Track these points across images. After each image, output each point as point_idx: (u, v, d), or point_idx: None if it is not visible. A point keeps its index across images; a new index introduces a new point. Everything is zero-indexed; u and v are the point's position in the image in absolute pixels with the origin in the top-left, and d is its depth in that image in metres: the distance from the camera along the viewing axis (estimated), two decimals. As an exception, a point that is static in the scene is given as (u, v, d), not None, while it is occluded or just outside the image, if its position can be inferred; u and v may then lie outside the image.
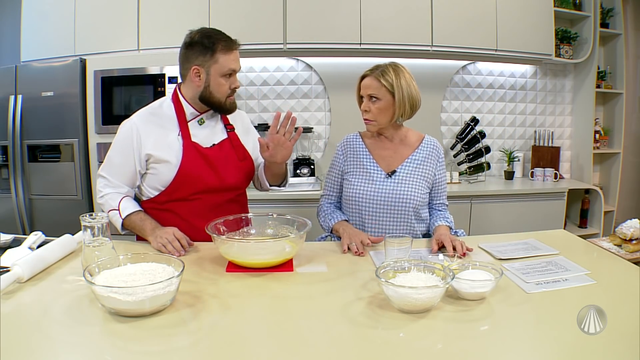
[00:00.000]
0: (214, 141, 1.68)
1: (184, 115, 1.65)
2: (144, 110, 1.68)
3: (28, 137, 2.92)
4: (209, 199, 1.66)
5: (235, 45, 1.60)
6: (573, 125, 3.79)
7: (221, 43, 1.56)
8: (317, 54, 3.26)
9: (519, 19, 3.24)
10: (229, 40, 1.58)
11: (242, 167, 1.73)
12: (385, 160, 1.79)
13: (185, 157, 1.60)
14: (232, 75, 1.61)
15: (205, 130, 1.68)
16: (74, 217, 1.42)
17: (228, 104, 1.64)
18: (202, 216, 1.58)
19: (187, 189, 1.63)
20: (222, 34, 1.59)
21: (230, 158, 1.70)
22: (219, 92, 1.61)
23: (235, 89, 1.64)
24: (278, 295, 1.21)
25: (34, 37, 3.15)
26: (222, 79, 1.59)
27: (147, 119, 1.64)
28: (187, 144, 1.62)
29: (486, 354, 0.93)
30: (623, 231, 1.66)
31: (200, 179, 1.62)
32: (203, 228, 1.40)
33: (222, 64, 1.57)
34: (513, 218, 3.16)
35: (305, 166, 3.30)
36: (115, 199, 1.63)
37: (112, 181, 1.65)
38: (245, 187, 1.81)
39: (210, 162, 1.64)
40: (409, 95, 1.70)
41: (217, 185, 1.66)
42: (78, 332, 0.99)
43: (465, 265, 1.23)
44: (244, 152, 1.74)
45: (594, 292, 1.21)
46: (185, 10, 3.02)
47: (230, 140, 1.72)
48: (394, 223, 1.74)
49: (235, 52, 1.60)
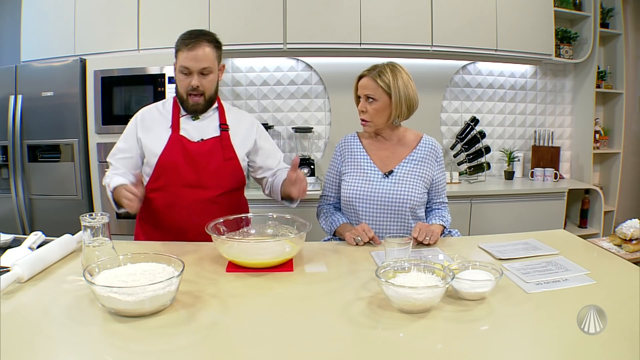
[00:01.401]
0: (203, 137, 1.72)
1: (178, 111, 1.74)
2: (152, 104, 1.81)
3: (28, 137, 2.92)
4: (185, 194, 1.69)
5: (194, 42, 1.62)
6: (573, 125, 3.79)
7: (182, 42, 1.63)
8: (317, 54, 3.26)
9: (519, 19, 3.24)
10: (189, 39, 1.63)
11: (224, 166, 1.73)
12: (382, 160, 1.79)
13: (168, 148, 1.68)
14: (189, 73, 1.64)
15: (197, 125, 1.74)
16: (74, 217, 1.42)
17: (189, 103, 1.69)
18: (177, 211, 1.68)
19: (166, 179, 1.69)
20: (190, 34, 1.64)
21: (214, 155, 1.72)
22: (180, 87, 1.69)
23: (195, 89, 1.65)
24: (278, 295, 1.21)
25: (34, 37, 3.15)
26: (180, 75, 1.66)
27: (150, 111, 1.77)
28: (173, 137, 1.69)
29: (486, 354, 0.93)
30: (623, 231, 1.66)
31: (177, 171, 1.68)
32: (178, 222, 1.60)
33: (179, 62, 1.65)
34: (513, 218, 3.16)
35: (305, 166, 3.30)
36: (113, 179, 1.64)
37: (116, 167, 1.73)
38: (228, 189, 1.76)
39: (191, 156, 1.68)
40: (405, 96, 1.70)
41: (194, 179, 1.69)
42: (78, 332, 0.99)
43: (465, 265, 1.23)
44: (230, 152, 1.75)
45: (594, 292, 1.21)
46: (185, 10, 3.02)
47: (220, 139, 1.74)
48: (391, 223, 1.74)
49: (195, 50, 1.61)
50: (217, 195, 1.73)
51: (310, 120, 3.46)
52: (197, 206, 1.70)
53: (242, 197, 1.91)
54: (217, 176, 1.72)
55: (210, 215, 1.54)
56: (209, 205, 1.71)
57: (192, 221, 1.67)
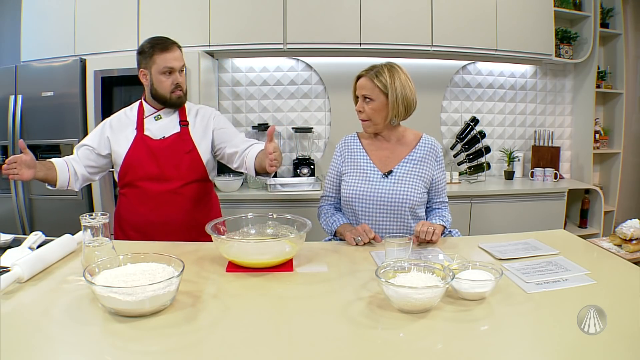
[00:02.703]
0: (165, 134, 1.86)
1: (142, 113, 1.88)
2: (121, 110, 1.94)
3: (28, 137, 2.91)
4: (149, 187, 1.84)
5: (170, 45, 1.80)
6: (573, 125, 3.79)
7: (157, 45, 1.78)
8: (317, 54, 3.26)
9: (519, 19, 3.24)
10: (165, 43, 1.79)
11: (184, 159, 1.86)
12: (382, 160, 1.79)
13: (132, 147, 1.83)
14: (172, 72, 1.80)
15: (159, 124, 1.87)
16: (74, 217, 1.42)
17: (174, 99, 1.84)
18: (144, 203, 1.84)
19: (132, 174, 1.84)
20: (160, 39, 1.81)
21: (175, 149, 1.86)
22: (162, 88, 1.81)
23: (178, 85, 1.82)
24: (278, 295, 1.21)
25: (34, 37, 3.15)
26: (162, 76, 1.79)
27: (119, 117, 1.91)
28: (138, 137, 1.84)
29: (486, 354, 0.93)
30: (623, 231, 1.66)
31: (141, 166, 1.83)
32: (146, 214, 1.80)
33: (159, 63, 1.78)
34: (513, 218, 3.16)
35: (305, 166, 3.31)
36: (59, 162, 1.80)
37: (74, 155, 1.87)
38: (189, 180, 1.89)
39: (154, 152, 1.83)
40: (403, 96, 1.69)
41: (156, 173, 1.84)
42: (78, 332, 0.99)
43: (465, 265, 1.23)
44: (189, 145, 1.88)
45: (594, 292, 1.21)
46: (185, 10, 3.02)
47: (179, 134, 1.87)
48: (391, 223, 1.74)
49: (172, 52, 1.79)
50: (179, 187, 1.86)
51: (310, 120, 3.46)
52: (162, 197, 1.84)
53: (210, 191, 2.01)
54: (178, 168, 1.86)
55: (175, 205, 1.84)
56: (172, 196, 1.85)
57: (159, 211, 1.84)
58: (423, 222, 1.64)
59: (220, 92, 3.42)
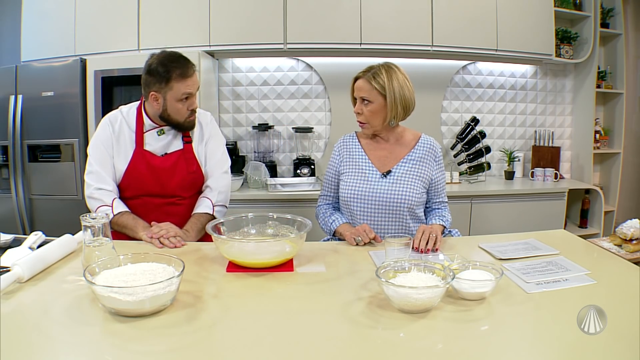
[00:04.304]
0: (167, 150, 1.79)
1: (142, 126, 1.76)
2: (117, 112, 1.79)
3: (28, 137, 2.92)
4: (150, 201, 1.79)
5: (190, 71, 1.68)
6: (573, 125, 3.79)
7: (175, 72, 1.64)
8: (317, 54, 3.26)
9: (519, 19, 3.24)
10: (184, 68, 1.66)
11: (187, 178, 1.82)
12: (380, 160, 1.79)
13: (132, 163, 1.74)
14: (188, 98, 1.70)
15: (162, 140, 1.78)
16: (74, 217, 1.42)
17: (187, 124, 1.76)
18: (144, 215, 1.74)
19: (132, 190, 1.78)
20: (177, 61, 1.66)
21: (178, 168, 1.79)
22: (177, 114, 1.71)
23: (194, 110, 1.74)
24: (278, 295, 1.21)
25: (34, 37, 3.15)
26: (179, 103, 1.69)
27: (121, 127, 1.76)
28: (137, 152, 1.74)
29: (486, 354, 0.93)
30: (623, 231, 1.66)
31: (142, 184, 1.76)
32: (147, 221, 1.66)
33: (177, 91, 1.66)
34: (513, 218, 3.16)
35: (305, 166, 3.30)
36: (108, 197, 1.72)
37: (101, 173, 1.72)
38: (193, 193, 1.87)
39: (155, 170, 1.76)
40: (401, 97, 1.69)
41: (157, 191, 1.78)
42: (78, 332, 0.99)
43: (466, 265, 1.23)
44: (193, 165, 1.82)
45: (594, 292, 1.21)
46: (186, 10, 3.02)
47: (183, 152, 1.80)
48: (389, 223, 1.74)
49: (191, 77, 1.68)
50: (181, 199, 1.84)
51: (311, 120, 3.46)
52: (163, 209, 1.81)
53: None
54: (181, 187, 1.82)
55: (177, 215, 1.77)
56: (174, 208, 1.82)
57: (159, 220, 1.71)
58: (422, 228, 1.58)
59: (221, 92, 3.41)
